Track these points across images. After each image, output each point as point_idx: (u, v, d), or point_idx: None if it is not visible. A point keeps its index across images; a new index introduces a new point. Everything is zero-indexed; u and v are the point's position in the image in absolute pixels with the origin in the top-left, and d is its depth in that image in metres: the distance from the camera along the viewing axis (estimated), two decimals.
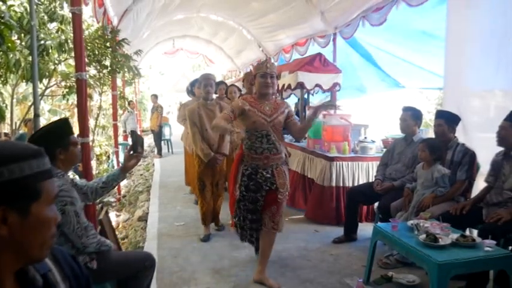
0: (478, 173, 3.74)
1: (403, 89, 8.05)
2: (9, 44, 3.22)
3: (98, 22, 5.11)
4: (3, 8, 3.89)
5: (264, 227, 3.28)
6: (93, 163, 7.84)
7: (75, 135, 2.49)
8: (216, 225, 4.71)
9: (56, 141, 2.26)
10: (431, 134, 4.58)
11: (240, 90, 5.84)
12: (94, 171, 7.03)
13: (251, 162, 3.21)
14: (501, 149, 3.26)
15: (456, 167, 3.61)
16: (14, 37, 4.31)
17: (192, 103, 5.40)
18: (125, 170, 2.66)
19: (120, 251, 3.68)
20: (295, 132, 3.40)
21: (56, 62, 5.53)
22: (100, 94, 7.03)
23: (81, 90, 3.19)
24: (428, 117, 9.86)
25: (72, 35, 4.87)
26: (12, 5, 4.20)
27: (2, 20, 2.94)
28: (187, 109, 4.53)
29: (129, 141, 11.34)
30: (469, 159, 3.58)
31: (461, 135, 3.84)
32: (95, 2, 4.37)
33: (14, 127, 6.23)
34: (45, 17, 5.18)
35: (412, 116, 4.13)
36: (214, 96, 6.17)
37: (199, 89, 5.46)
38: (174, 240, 4.46)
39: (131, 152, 2.66)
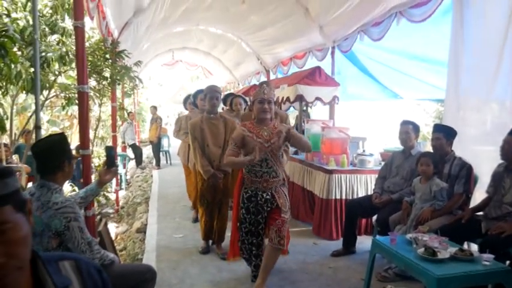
0: (476, 186, 3.77)
1: (401, 100, 8.10)
2: (12, 57, 3.25)
3: (104, 35, 5.17)
4: (7, 20, 3.93)
5: (270, 242, 3.26)
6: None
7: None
8: (218, 251, 4.34)
9: (63, 153, 2.31)
10: (429, 147, 4.61)
11: (246, 102, 5.75)
12: None
13: (251, 185, 3.33)
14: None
15: (453, 181, 3.64)
16: (15, 48, 4.34)
17: (194, 116, 5.25)
18: (101, 185, 2.73)
19: (120, 263, 3.68)
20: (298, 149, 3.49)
21: (56, 73, 5.56)
22: (99, 105, 7.06)
23: (82, 102, 3.20)
24: (426, 130, 9.92)
25: (72, 46, 4.95)
26: (17, 18, 4.24)
27: (6, 33, 2.98)
28: (190, 122, 4.31)
29: (128, 152, 11.39)
30: (466, 172, 3.61)
31: (458, 148, 3.88)
32: (99, 15, 4.42)
33: (13, 138, 6.23)
34: (47, 29, 5.22)
35: (413, 129, 4.19)
36: (224, 109, 6.12)
37: (202, 100, 5.38)
38: (173, 252, 4.46)
39: (106, 167, 2.71)
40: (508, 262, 2.80)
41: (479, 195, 3.71)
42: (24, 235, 0.91)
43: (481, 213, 3.42)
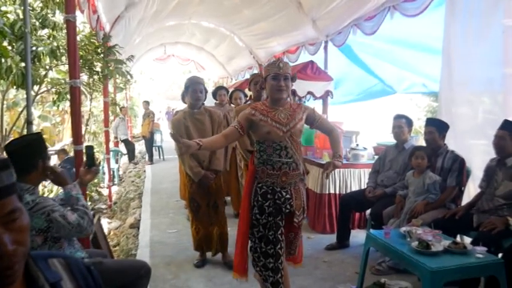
0: (469, 179, 3.80)
1: (395, 94, 8.10)
2: (2, 51, 3.20)
3: (94, 29, 5.11)
4: None
5: None
6: None
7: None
8: (225, 260, 3.95)
9: (38, 152, 2.27)
10: (421, 141, 4.63)
11: (246, 95, 5.67)
12: None
13: (266, 179, 2.67)
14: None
15: (446, 174, 3.67)
16: (5, 43, 4.29)
17: None
18: (81, 185, 2.65)
19: (112, 258, 3.66)
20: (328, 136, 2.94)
21: (47, 68, 5.50)
22: (90, 100, 7.01)
23: (74, 97, 3.18)
24: (418, 125, 9.98)
25: (63, 41, 4.89)
26: (7, 12, 4.18)
27: None
28: (172, 120, 3.91)
29: (120, 147, 11.33)
30: (459, 165, 3.64)
31: (452, 142, 3.90)
32: (89, 9, 4.37)
33: (4, 133, 6.16)
34: (37, 23, 5.16)
35: (406, 123, 4.21)
36: (214, 103, 6.04)
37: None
38: (167, 247, 4.45)
39: (86, 167, 2.65)
40: (500, 255, 2.83)
41: (472, 188, 3.74)
42: (28, 223, 0.94)
43: None
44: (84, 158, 2.72)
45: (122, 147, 11.82)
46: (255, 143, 2.79)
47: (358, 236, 4.56)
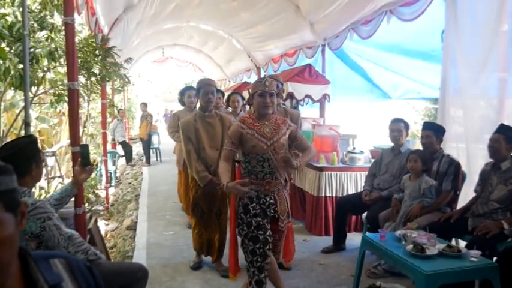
0: (465, 183, 3.82)
1: (391, 100, 8.14)
2: (1, 53, 3.21)
3: (92, 32, 5.12)
4: None
5: None
6: None
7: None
8: (218, 267, 3.85)
9: (32, 155, 2.27)
10: (418, 145, 4.65)
11: (243, 98, 5.64)
12: None
13: (251, 188, 2.85)
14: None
15: (442, 178, 3.69)
16: (3, 44, 4.29)
17: (185, 113, 4.99)
18: (76, 184, 2.68)
19: (109, 260, 3.66)
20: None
21: (45, 69, 5.50)
22: (88, 102, 7.00)
23: (72, 99, 3.18)
24: (415, 128, 10.00)
25: (62, 43, 4.90)
26: (5, 14, 4.19)
27: None
28: (181, 121, 3.83)
29: (118, 149, 11.33)
30: (454, 169, 3.66)
31: (452, 146, 3.93)
32: (87, 11, 4.39)
33: (1, 135, 6.15)
34: (35, 25, 5.16)
35: (405, 127, 4.23)
36: None
37: (189, 98, 5.15)
38: (164, 249, 4.46)
39: (81, 166, 2.66)
40: (495, 258, 2.85)
41: (468, 192, 3.76)
42: (6, 236, 0.88)
43: None
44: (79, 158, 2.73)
45: (120, 149, 11.81)
46: (241, 154, 3.02)
47: (354, 239, 4.58)
